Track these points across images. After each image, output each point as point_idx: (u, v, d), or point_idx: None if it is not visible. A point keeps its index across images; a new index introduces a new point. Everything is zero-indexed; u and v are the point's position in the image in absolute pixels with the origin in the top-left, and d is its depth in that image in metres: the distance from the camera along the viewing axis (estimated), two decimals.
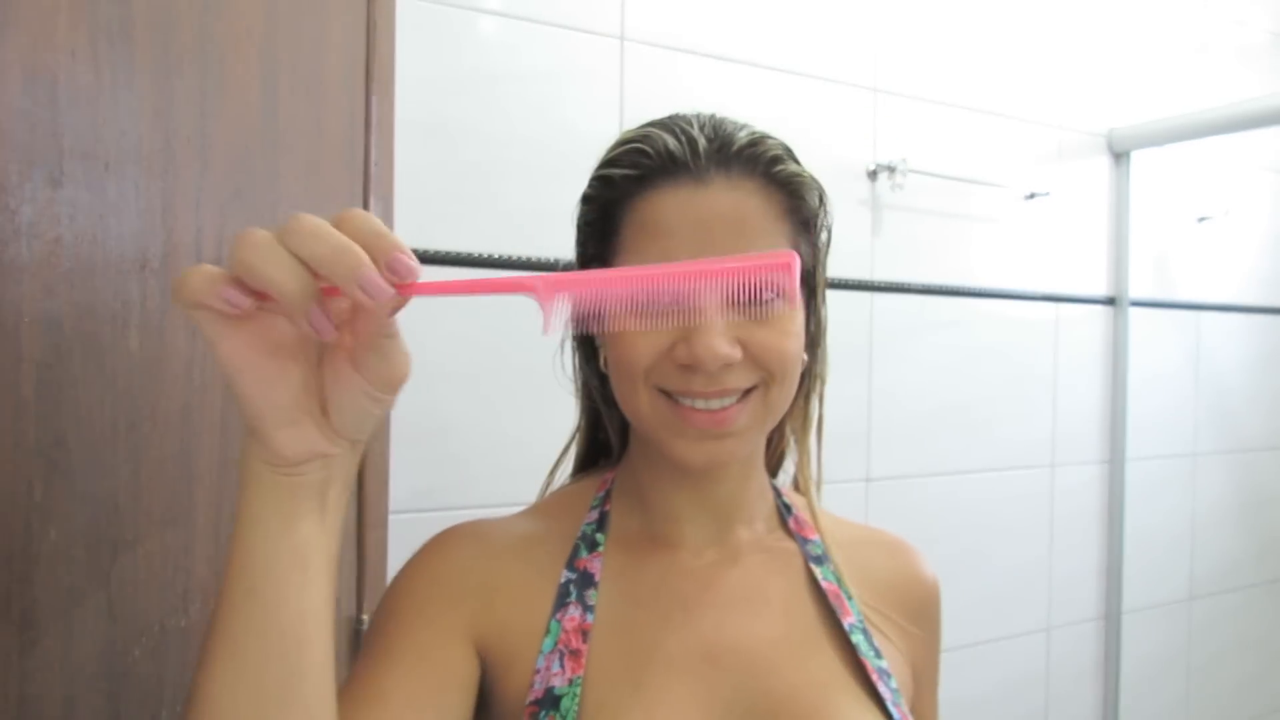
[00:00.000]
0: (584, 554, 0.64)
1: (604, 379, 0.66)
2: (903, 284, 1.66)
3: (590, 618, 0.61)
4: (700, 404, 0.57)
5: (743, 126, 0.61)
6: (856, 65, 1.60)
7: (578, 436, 0.74)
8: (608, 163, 0.61)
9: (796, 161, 0.61)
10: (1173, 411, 2.06)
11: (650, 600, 0.63)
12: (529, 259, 1.30)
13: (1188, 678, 2.11)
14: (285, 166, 0.79)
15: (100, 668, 0.56)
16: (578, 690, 0.57)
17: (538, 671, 0.58)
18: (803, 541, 0.69)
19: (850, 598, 0.67)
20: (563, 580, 0.62)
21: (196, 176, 0.64)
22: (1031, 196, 1.80)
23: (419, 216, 1.21)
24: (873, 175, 1.62)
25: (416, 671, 0.56)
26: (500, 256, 1.28)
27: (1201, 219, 2.07)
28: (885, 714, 0.61)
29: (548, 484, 0.75)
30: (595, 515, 0.67)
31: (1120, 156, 1.94)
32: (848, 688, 0.62)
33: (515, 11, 1.29)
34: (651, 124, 0.62)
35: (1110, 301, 1.95)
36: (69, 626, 0.53)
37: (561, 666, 0.58)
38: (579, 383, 0.71)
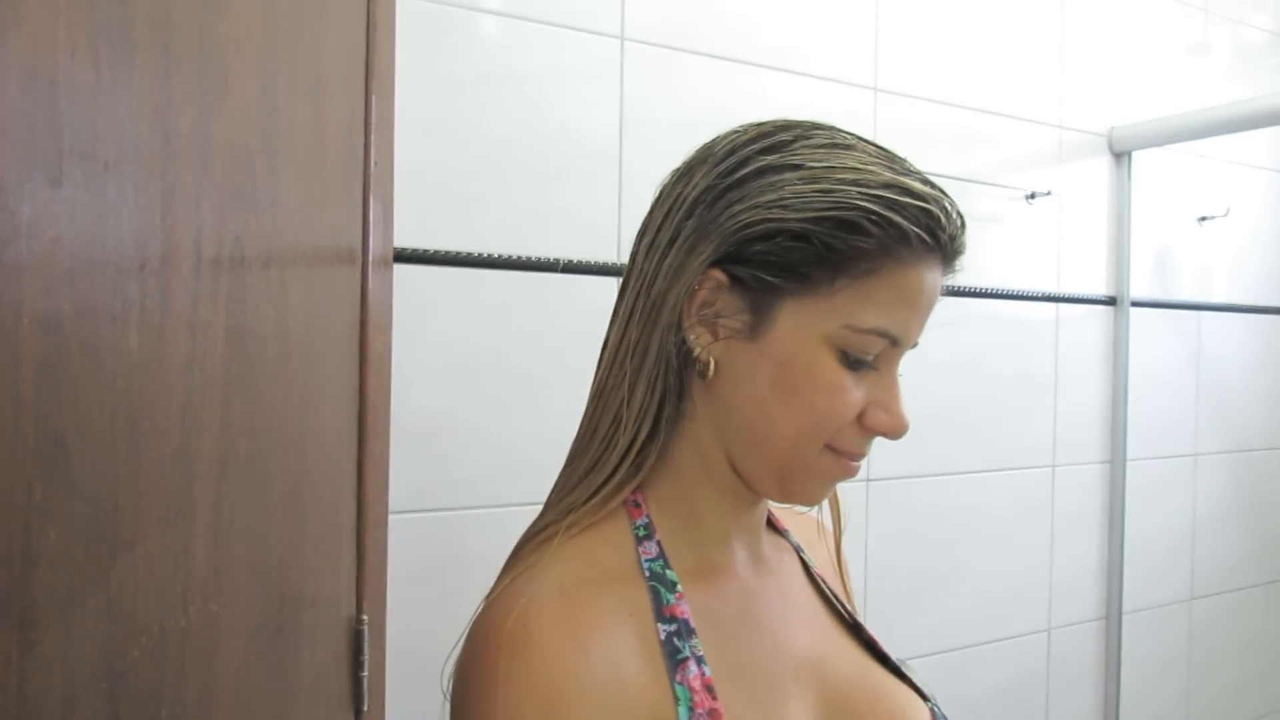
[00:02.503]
0: (670, 598, 0.57)
1: (677, 374, 0.58)
2: None
3: (707, 670, 0.55)
4: None
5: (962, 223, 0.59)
6: (856, 65, 1.60)
7: (629, 435, 0.59)
8: (896, 206, 0.54)
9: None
10: (1173, 411, 2.06)
11: (738, 634, 0.59)
12: (529, 259, 1.30)
13: (1188, 678, 2.10)
14: (285, 166, 0.79)
15: (100, 668, 0.55)
16: None
17: None
18: (782, 533, 0.72)
19: (823, 580, 0.71)
20: (663, 635, 0.55)
21: (196, 176, 0.64)
22: (1032, 196, 1.80)
23: (419, 216, 1.21)
24: None
25: None
26: (500, 256, 1.28)
27: (1202, 219, 2.07)
28: (893, 669, 0.66)
29: (595, 491, 0.61)
30: (654, 549, 0.59)
31: (1121, 156, 1.94)
32: (877, 665, 0.66)
33: (515, 11, 1.29)
34: (934, 190, 0.57)
35: (1111, 301, 1.95)
36: (69, 626, 0.53)
37: None
38: (633, 370, 0.59)
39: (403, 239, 1.16)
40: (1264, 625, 2.23)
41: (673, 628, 0.55)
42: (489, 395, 1.27)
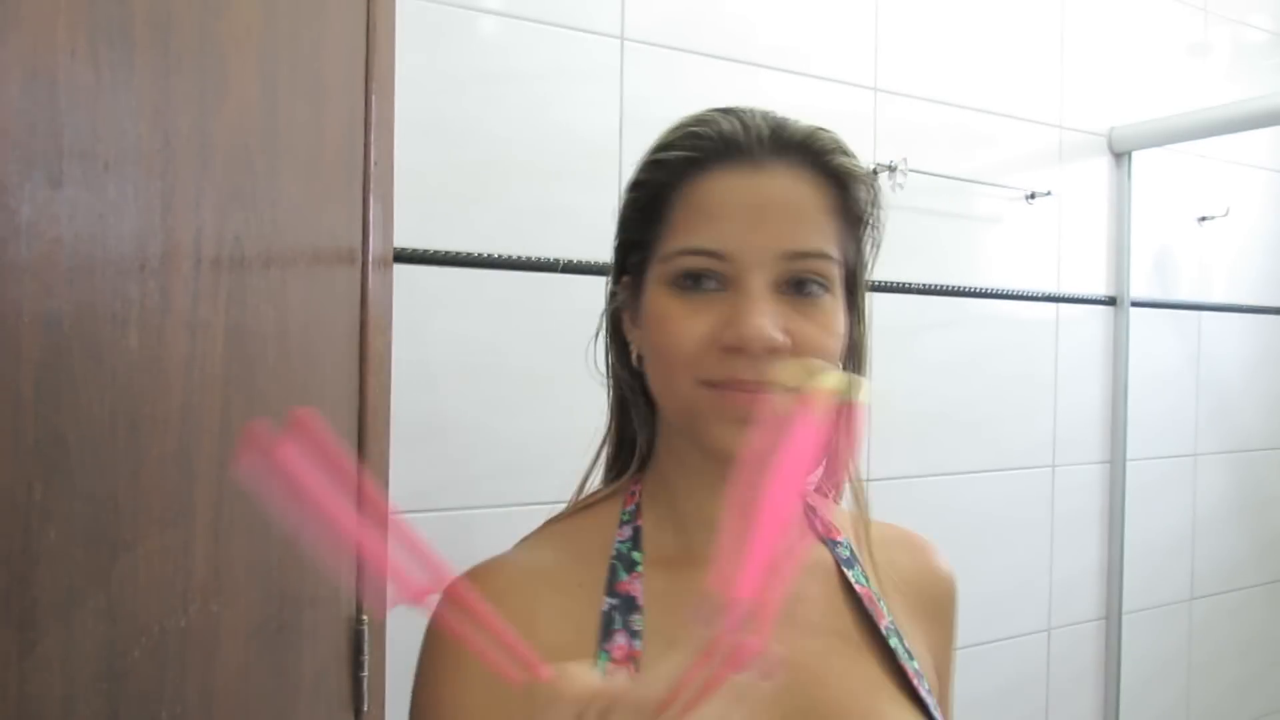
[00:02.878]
0: (623, 576, 0.60)
1: (636, 375, 0.64)
2: (903, 284, 1.66)
3: (637, 644, 0.57)
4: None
5: (800, 120, 0.61)
6: (856, 65, 1.60)
7: (607, 439, 0.70)
8: (661, 147, 0.61)
9: (852, 156, 0.62)
10: (1173, 411, 2.06)
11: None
12: (529, 258, 1.30)
13: (1188, 678, 2.10)
14: (285, 166, 0.79)
15: (100, 668, 0.55)
16: None
17: None
18: (831, 544, 0.68)
19: (880, 598, 0.66)
20: (605, 607, 0.59)
21: (196, 176, 0.64)
22: (1032, 196, 1.80)
23: (419, 216, 1.21)
24: (873, 175, 1.62)
25: None
26: (500, 256, 1.28)
27: (1202, 219, 2.07)
28: (928, 717, 0.61)
29: (581, 489, 0.70)
30: (628, 531, 0.62)
31: (1121, 156, 1.94)
32: (892, 695, 0.61)
33: (515, 11, 1.29)
34: (707, 111, 0.61)
35: (1111, 301, 1.94)
36: (69, 626, 0.53)
37: None
38: (610, 380, 0.69)
39: (403, 239, 1.16)
40: (1264, 625, 2.23)
41: (615, 602, 0.59)
42: (489, 395, 1.27)
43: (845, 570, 0.66)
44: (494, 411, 1.28)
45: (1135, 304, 1.94)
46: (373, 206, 1.00)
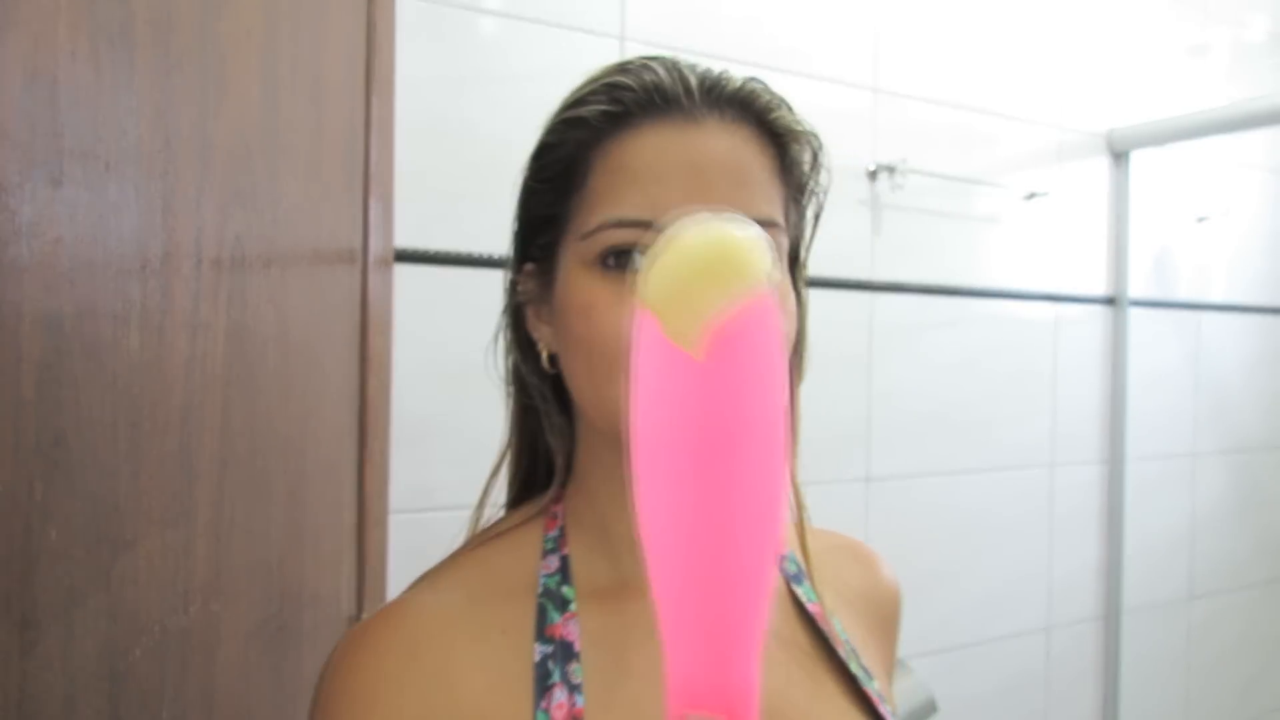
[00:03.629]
0: (555, 617, 0.51)
1: (547, 378, 0.56)
2: (903, 284, 1.66)
3: (580, 700, 0.49)
4: None
5: (728, 73, 0.52)
6: (856, 65, 1.60)
7: (510, 456, 0.61)
8: (574, 103, 0.52)
9: (794, 111, 0.54)
10: (1173, 411, 2.06)
11: (641, 665, 0.50)
12: None
13: (1188, 677, 2.11)
14: (285, 166, 0.79)
15: (100, 668, 0.56)
16: None
17: None
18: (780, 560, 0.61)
19: (832, 615, 0.59)
20: (538, 657, 0.50)
21: (196, 176, 0.64)
22: (1031, 196, 1.80)
23: (419, 216, 1.21)
24: (873, 175, 1.62)
25: None
26: (500, 256, 1.28)
27: (1201, 219, 2.07)
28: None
29: (476, 520, 0.61)
30: (555, 563, 0.54)
31: (1120, 156, 1.94)
32: (852, 714, 0.56)
33: (515, 11, 1.29)
34: (623, 62, 0.53)
35: (1110, 301, 1.95)
36: (69, 626, 0.53)
37: None
38: (513, 389, 0.60)
39: (403, 239, 1.16)
40: (1263, 624, 2.24)
41: (549, 649, 0.50)
42: (489, 395, 1.27)
43: (794, 587, 0.59)
44: (494, 411, 1.27)
45: (1134, 304, 1.94)
46: (373, 206, 1.00)
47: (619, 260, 0.48)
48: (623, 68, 0.51)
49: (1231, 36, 2.14)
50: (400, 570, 1.08)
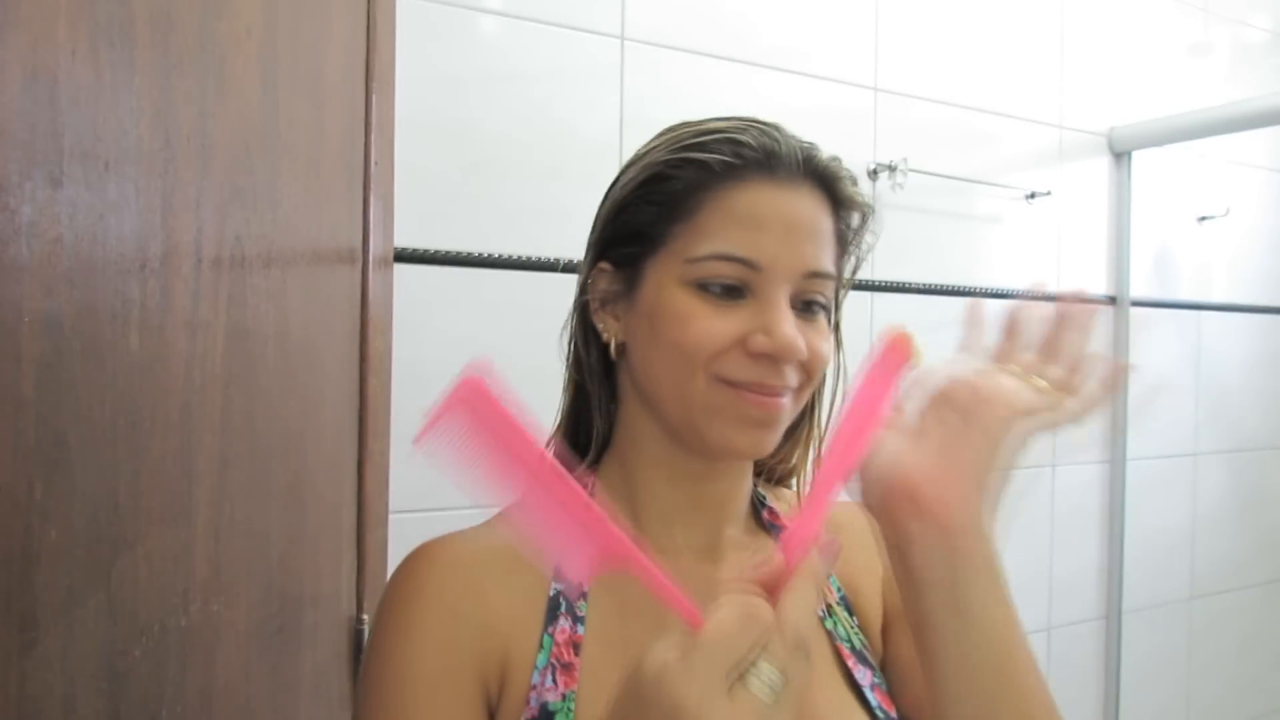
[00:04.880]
0: None
1: (604, 366, 0.66)
2: (903, 284, 1.66)
3: (581, 629, 0.60)
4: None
5: (817, 146, 0.63)
6: (856, 65, 1.60)
7: (560, 426, 0.71)
8: (695, 146, 0.60)
9: (857, 184, 0.64)
10: (1173, 411, 2.06)
11: (640, 610, 0.60)
12: (529, 258, 1.30)
13: (1188, 678, 2.10)
14: (285, 166, 0.79)
15: (100, 668, 0.55)
16: (571, 705, 0.56)
17: (533, 688, 0.57)
18: (775, 530, 0.69)
19: (830, 575, 0.67)
20: (552, 592, 0.61)
21: (196, 176, 0.64)
22: (1032, 196, 1.80)
23: (419, 216, 1.21)
24: (873, 175, 1.62)
25: None
26: (500, 256, 1.28)
27: (1201, 219, 2.07)
28: (866, 706, 0.62)
29: None
30: None
31: (1121, 156, 1.94)
32: (829, 680, 0.62)
33: (515, 11, 1.29)
34: (737, 120, 0.62)
35: (1111, 301, 1.95)
36: (69, 626, 0.53)
37: (554, 681, 0.57)
38: (572, 369, 0.69)
39: (403, 239, 1.16)
40: (1264, 624, 2.23)
41: (562, 587, 0.61)
42: None
43: None
44: None
45: (1135, 303, 1.94)
46: (373, 206, 1.00)
47: (719, 287, 0.58)
48: (738, 128, 0.61)
49: (1232, 36, 2.14)
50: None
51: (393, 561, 1.05)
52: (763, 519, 0.70)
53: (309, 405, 0.88)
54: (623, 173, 0.65)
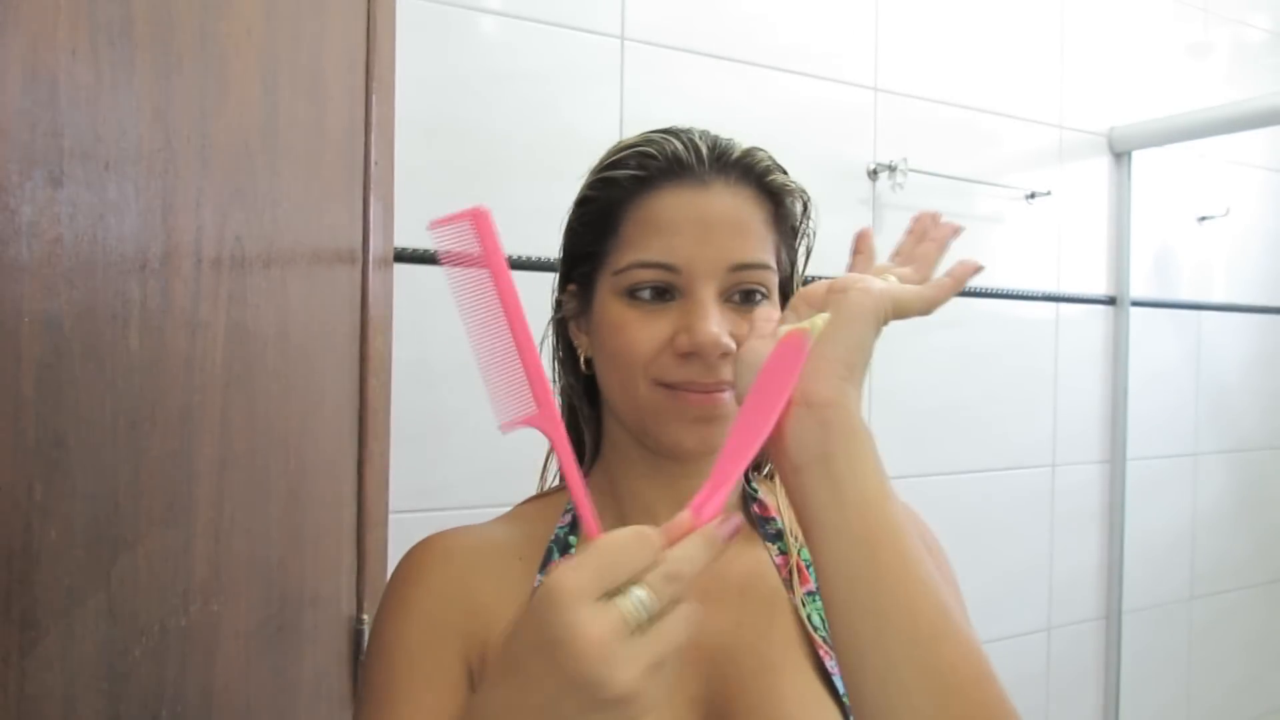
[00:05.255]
0: (557, 557, 0.66)
1: (586, 381, 0.70)
2: None
3: None
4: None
5: (735, 140, 0.66)
6: (856, 65, 1.60)
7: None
8: (610, 165, 0.65)
9: (785, 173, 0.67)
10: (1173, 411, 2.06)
11: None
12: (529, 258, 1.30)
13: (1188, 678, 2.10)
14: (285, 166, 0.79)
15: (100, 668, 0.56)
16: None
17: None
18: (762, 522, 0.71)
19: (810, 565, 0.68)
20: (537, 583, 0.64)
21: (196, 176, 0.64)
22: (1032, 196, 1.80)
23: (419, 216, 1.21)
24: (873, 175, 1.62)
25: None
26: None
27: (1201, 219, 2.07)
28: (834, 694, 0.62)
29: (542, 483, 0.77)
30: (568, 519, 0.68)
31: (1121, 156, 1.94)
32: (799, 668, 0.63)
33: (515, 11, 1.29)
34: (650, 133, 0.66)
35: (1111, 301, 1.95)
36: (69, 626, 0.53)
37: None
38: (557, 384, 0.73)
39: (403, 239, 1.16)
40: (1264, 624, 2.24)
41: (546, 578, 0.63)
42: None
43: (769, 545, 0.70)
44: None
45: (1135, 304, 1.94)
46: (373, 206, 1.00)
47: (645, 292, 0.62)
48: (647, 139, 0.64)
49: (1232, 36, 2.14)
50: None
51: (393, 561, 1.05)
52: (752, 512, 0.71)
53: (309, 405, 0.88)
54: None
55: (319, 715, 0.89)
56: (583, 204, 0.67)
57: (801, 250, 0.70)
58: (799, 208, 0.68)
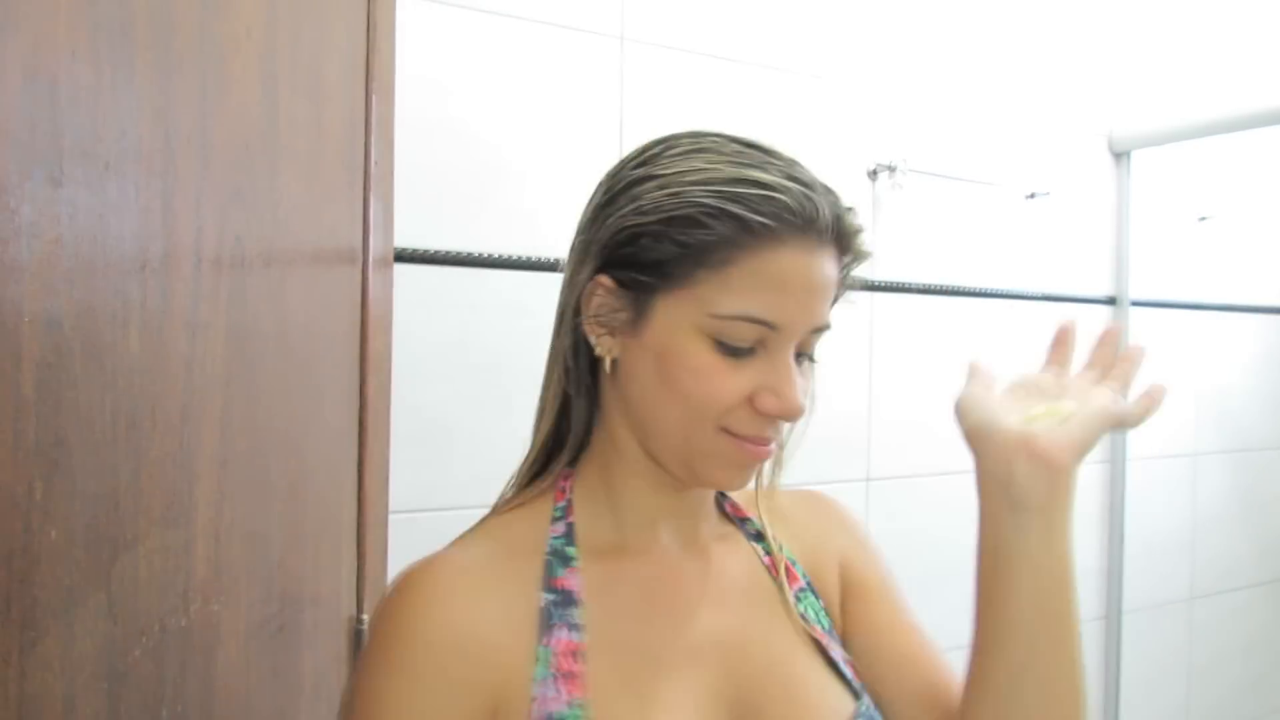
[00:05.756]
0: (559, 571, 0.63)
1: (588, 374, 0.66)
2: (902, 284, 1.66)
3: (581, 637, 0.60)
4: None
5: (839, 197, 0.62)
6: (856, 65, 1.60)
7: (543, 432, 0.69)
8: (734, 199, 0.58)
9: (864, 234, 0.65)
10: (1173, 411, 2.06)
11: (634, 610, 0.63)
12: (529, 258, 1.30)
13: (1188, 678, 2.10)
14: (285, 166, 0.79)
15: (100, 668, 0.56)
16: (579, 713, 0.57)
17: (534, 700, 0.58)
18: (740, 523, 0.72)
19: (796, 562, 0.71)
20: (543, 604, 0.61)
21: (196, 176, 0.64)
22: (1032, 196, 1.80)
23: (419, 216, 1.21)
24: (873, 175, 1.62)
25: None
26: (500, 256, 1.28)
27: (1202, 219, 2.07)
28: (839, 675, 0.66)
29: (517, 480, 0.71)
30: (561, 528, 0.65)
31: (1121, 156, 1.94)
32: (808, 657, 0.66)
33: (515, 11, 1.29)
34: (773, 168, 0.60)
35: (1111, 301, 1.95)
36: (69, 626, 0.53)
37: (558, 691, 0.58)
38: (558, 375, 0.67)
39: (403, 239, 1.16)
40: (1264, 625, 2.23)
41: (554, 597, 0.61)
42: (489, 395, 1.27)
43: (754, 545, 0.71)
44: (494, 411, 1.28)
45: (1135, 304, 1.94)
46: (373, 206, 1.00)
47: (734, 345, 0.59)
48: (785, 186, 0.58)
49: (1233, 36, 2.14)
50: (400, 570, 1.07)
51: (393, 561, 1.05)
52: (726, 510, 0.73)
53: (309, 405, 0.88)
54: (641, 187, 0.61)
55: (319, 715, 0.89)
56: (684, 221, 0.58)
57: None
58: (853, 266, 0.66)
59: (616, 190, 0.63)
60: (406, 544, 1.21)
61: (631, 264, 0.61)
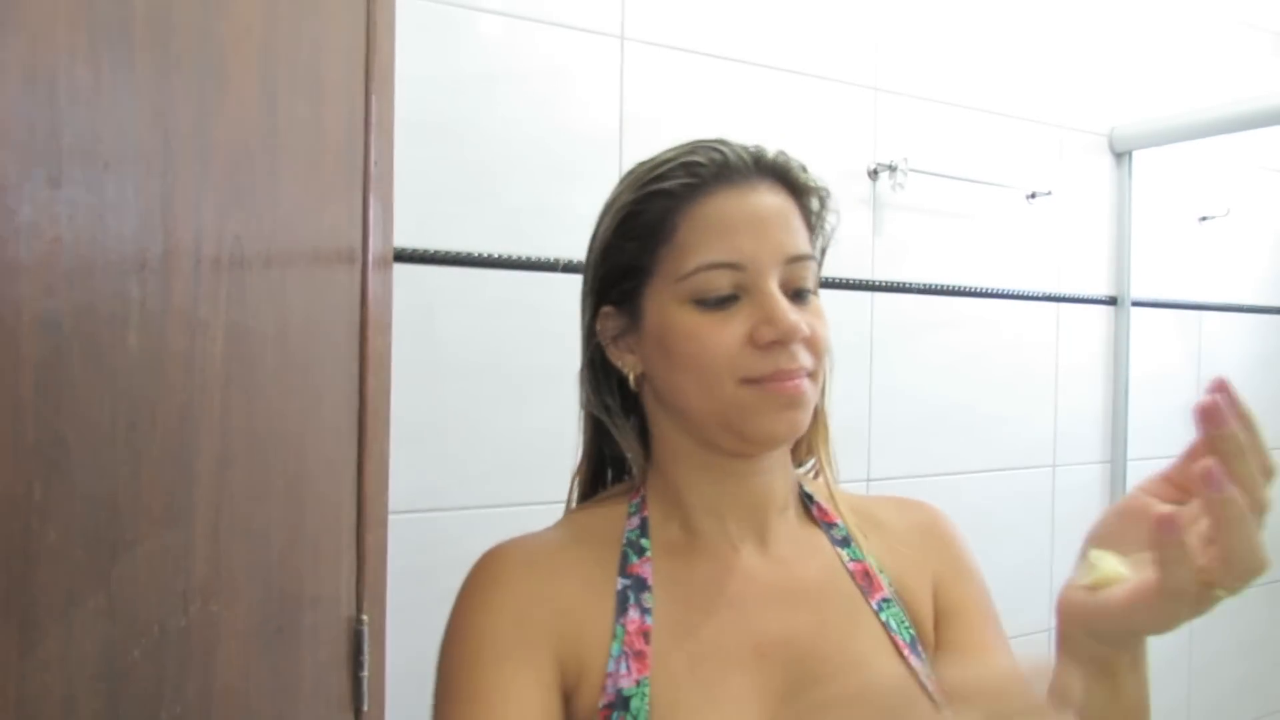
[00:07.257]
0: (634, 560, 0.67)
1: (622, 399, 0.71)
2: (903, 284, 1.66)
3: (649, 620, 0.64)
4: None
5: (764, 148, 0.68)
6: (856, 65, 1.60)
7: (583, 464, 0.76)
8: (655, 179, 0.66)
9: (808, 172, 0.69)
10: (1173, 411, 2.06)
11: (701, 601, 0.66)
12: (529, 258, 1.30)
13: (1188, 678, 2.10)
14: (285, 166, 0.79)
15: (100, 668, 0.56)
16: (645, 690, 0.61)
17: (609, 675, 0.62)
18: (827, 527, 0.73)
19: (882, 571, 0.71)
20: (619, 587, 0.65)
21: (196, 176, 0.64)
22: (1033, 196, 1.80)
23: (419, 216, 1.21)
24: (873, 175, 1.62)
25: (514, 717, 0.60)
26: (500, 256, 1.28)
27: (1202, 219, 2.07)
28: (920, 685, 0.65)
29: (569, 505, 0.77)
30: (636, 522, 0.69)
31: (1121, 156, 1.94)
32: (887, 663, 0.66)
33: (515, 11, 1.29)
34: (685, 146, 0.67)
35: (1111, 301, 1.94)
36: (69, 626, 0.53)
37: (628, 668, 0.62)
38: (593, 411, 0.73)
39: (403, 239, 1.16)
40: (1264, 626, 2.23)
41: (629, 582, 0.66)
42: (489, 395, 1.27)
43: (840, 550, 0.72)
44: (494, 411, 1.28)
45: (1135, 304, 1.94)
46: (373, 206, 1.00)
47: (714, 298, 0.62)
48: (691, 149, 0.66)
49: (1234, 36, 2.14)
50: (400, 570, 1.07)
51: (393, 561, 1.05)
52: (813, 515, 0.73)
53: (309, 405, 0.88)
54: (598, 224, 0.70)
55: (319, 715, 0.89)
56: (626, 220, 0.67)
57: (819, 246, 0.71)
58: (820, 205, 0.70)
59: (590, 244, 0.71)
60: (406, 544, 1.21)
61: (613, 282, 0.68)
